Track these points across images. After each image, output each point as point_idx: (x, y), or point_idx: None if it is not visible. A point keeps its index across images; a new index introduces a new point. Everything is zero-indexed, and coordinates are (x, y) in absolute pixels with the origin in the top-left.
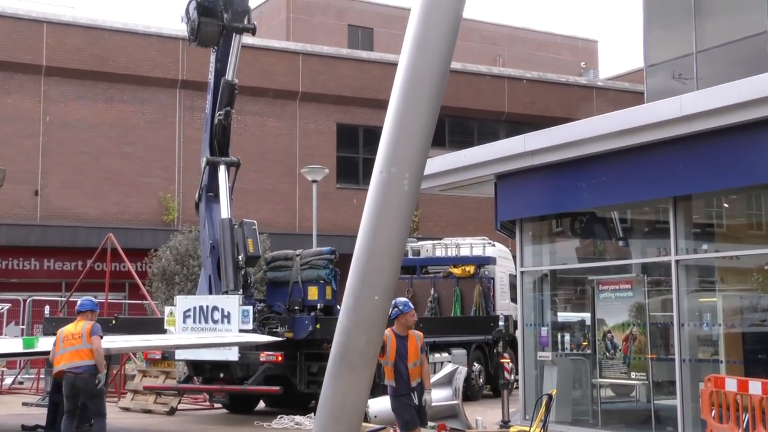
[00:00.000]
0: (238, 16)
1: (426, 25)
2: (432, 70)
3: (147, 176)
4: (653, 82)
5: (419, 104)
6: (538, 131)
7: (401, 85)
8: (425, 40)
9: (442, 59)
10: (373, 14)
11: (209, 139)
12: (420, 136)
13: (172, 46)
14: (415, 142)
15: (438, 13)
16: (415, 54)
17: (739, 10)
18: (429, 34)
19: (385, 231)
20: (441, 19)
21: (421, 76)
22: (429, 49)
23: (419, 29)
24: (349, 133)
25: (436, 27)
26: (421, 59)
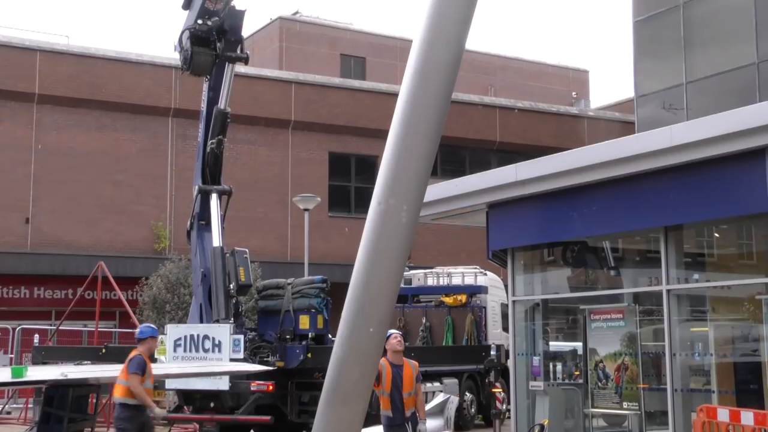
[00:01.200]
0: (231, 46)
1: (427, 55)
2: (433, 101)
3: (139, 204)
4: (644, 112)
5: (419, 136)
6: (529, 161)
7: (401, 117)
8: (426, 71)
9: (443, 91)
10: (366, 44)
11: (201, 167)
12: (419, 168)
13: (165, 75)
14: (414, 174)
15: (440, 44)
16: (416, 85)
17: (728, 42)
18: (430, 64)
19: (381, 263)
20: (443, 50)
21: (422, 107)
22: (430, 81)
23: (420, 59)
24: (342, 161)
25: (437, 58)
26: (422, 91)
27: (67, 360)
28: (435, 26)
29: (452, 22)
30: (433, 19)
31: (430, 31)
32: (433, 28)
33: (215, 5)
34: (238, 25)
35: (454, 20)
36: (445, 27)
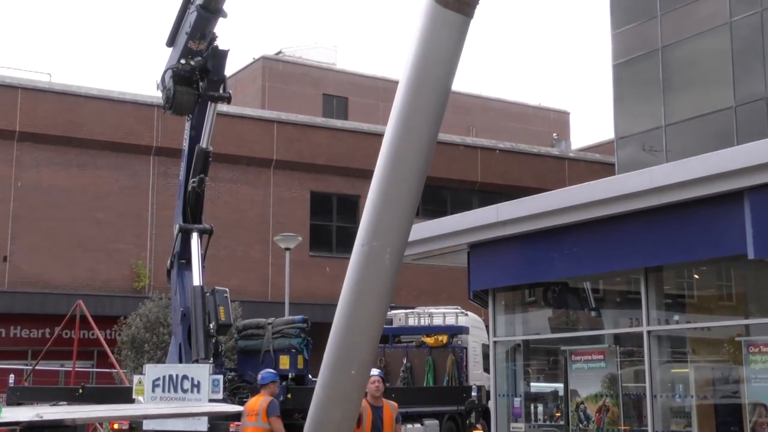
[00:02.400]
0: (214, 85)
1: (413, 98)
2: (418, 144)
3: (119, 242)
4: (624, 153)
5: (403, 180)
6: (510, 201)
7: (385, 161)
8: (412, 115)
9: (429, 134)
10: (348, 84)
11: (182, 206)
12: (403, 211)
13: (148, 113)
14: (398, 216)
15: (426, 90)
16: (401, 128)
17: (707, 86)
18: (416, 108)
19: (364, 306)
20: (428, 96)
21: (407, 152)
22: (416, 123)
23: (406, 102)
24: (323, 201)
25: (423, 101)
26: (407, 134)
27: (43, 401)
28: (420, 72)
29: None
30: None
31: (415, 77)
32: (419, 75)
33: (198, 45)
34: (220, 65)
35: (439, 65)
36: (430, 72)
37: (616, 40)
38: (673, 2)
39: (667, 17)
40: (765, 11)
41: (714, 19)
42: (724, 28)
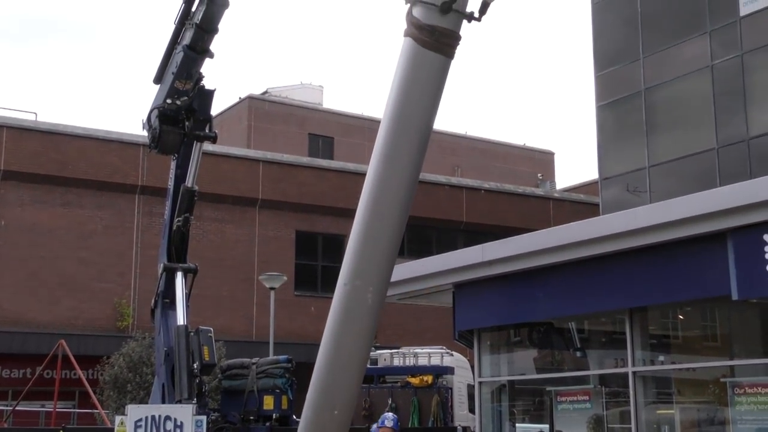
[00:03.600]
0: (200, 125)
1: (395, 137)
2: (400, 182)
3: (102, 281)
4: (608, 194)
5: (386, 218)
6: (495, 241)
7: (368, 197)
8: (394, 154)
9: (411, 172)
10: (334, 123)
11: (167, 245)
12: (386, 249)
13: (133, 152)
14: (381, 255)
15: (407, 127)
16: (383, 166)
17: (689, 127)
18: (398, 146)
19: (347, 344)
20: (410, 133)
21: (389, 188)
22: (397, 162)
23: (388, 141)
24: (308, 240)
25: (405, 140)
26: (389, 171)
27: None
28: (402, 112)
29: (419, 107)
30: (400, 104)
31: (396, 117)
32: (400, 114)
33: (185, 85)
34: (207, 105)
35: (420, 105)
36: (411, 112)
37: (600, 82)
38: (655, 45)
39: (650, 60)
40: (745, 55)
41: (695, 62)
42: (706, 71)
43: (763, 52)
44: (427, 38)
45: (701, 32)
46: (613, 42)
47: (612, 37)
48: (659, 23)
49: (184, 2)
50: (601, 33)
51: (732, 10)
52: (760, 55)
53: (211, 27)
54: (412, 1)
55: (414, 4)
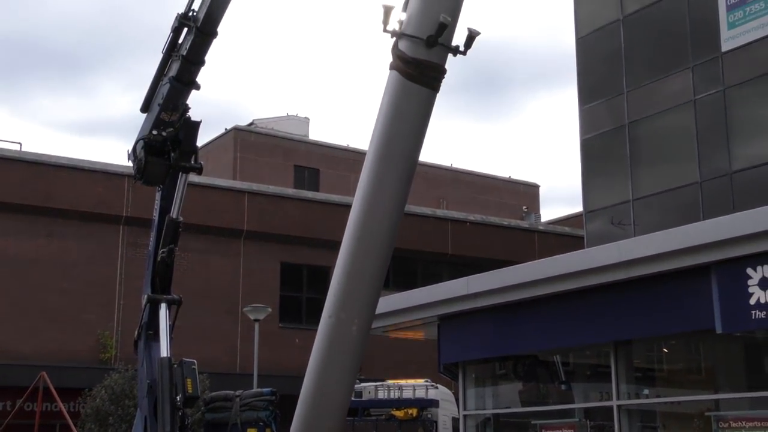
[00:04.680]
0: (186, 156)
1: (380, 169)
2: (386, 215)
3: (85, 313)
4: (593, 227)
5: (371, 250)
6: (480, 274)
7: (353, 230)
8: (379, 187)
9: (397, 205)
10: (320, 155)
11: (151, 276)
12: (371, 282)
13: (118, 183)
14: (366, 288)
15: (393, 159)
16: (369, 199)
17: (673, 161)
18: (384, 179)
19: (331, 377)
20: (396, 165)
21: (375, 221)
22: (383, 195)
23: (373, 174)
24: (294, 272)
25: (390, 172)
26: (375, 204)
27: None
28: (387, 144)
29: (405, 140)
30: (386, 136)
31: (382, 149)
32: (386, 146)
33: (170, 117)
34: (192, 136)
35: (406, 137)
36: (397, 144)
37: (584, 116)
38: (638, 80)
39: (634, 94)
40: (727, 89)
41: (678, 96)
42: (689, 106)
43: (744, 87)
44: (413, 71)
45: (684, 67)
46: (598, 76)
47: (596, 72)
48: (643, 58)
49: (172, 32)
50: (586, 67)
51: (714, 45)
52: (742, 90)
53: (198, 59)
54: (398, 34)
55: (400, 38)
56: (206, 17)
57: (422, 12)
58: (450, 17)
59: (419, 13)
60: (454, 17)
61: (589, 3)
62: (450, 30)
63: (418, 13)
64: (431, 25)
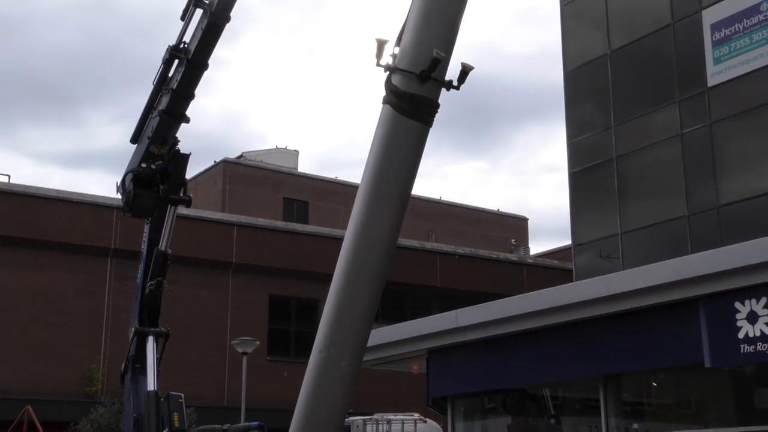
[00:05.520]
0: (174, 188)
1: (373, 204)
2: (377, 249)
3: (72, 346)
4: (581, 260)
5: (362, 285)
6: (469, 307)
7: (344, 264)
8: (371, 221)
9: (388, 239)
10: (309, 188)
11: (139, 309)
12: (362, 317)
13: (106, 215)
14: (357, 322)
15: (385, 193)
16: (360, 233)
17: (660, 195)
18: (376, 213)
19: (321, 413)
20: (388, 199)
21: (366, 255)
22: (375, 229)
23: (365, 208)
24: (282, 305)
25: (383, 207)
26: (367, 238)
27: None
28: (380, 178)
29: (397, 174)
30: (378, 170)
31: (375, 183)
32: (378, 180)
33: (160, 150)
34: (182, 169)
35: (399, 172)
36: (390, 178)
37: (572, 149)
38: (626, 114)
39: (621, 128)
40: (713, 124)
41: (666, 130)
42: (676, 140)
43: (731, 121)
44: (406, 106)
45: (671, 102)
46: (586, 110)
47: (584, 106)
48: (630, 92)
49: (163, 63)
50: (574, 101)
51: (700, 80)
52: (729, 125)
53: (188, 92)
54: (390, 68)
55: (393, 72)
56: (197, 49)
57: (416, 47)
58: (444, 52)
59: (413, 47)
60: (447, 52)
61: (577, 37)
62: (443, 65)
63: (411, 48)
64: (424, 60)
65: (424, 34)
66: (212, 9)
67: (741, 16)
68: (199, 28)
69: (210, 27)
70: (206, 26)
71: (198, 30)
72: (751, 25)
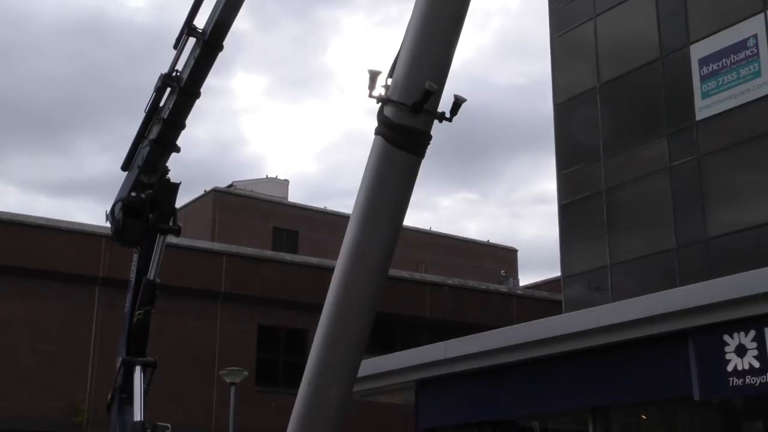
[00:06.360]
0: (164, 218)
1: (364, 235)
2: (368, 281)
3: (58, 375)
4: (571, 291)
5: (353, 317)
6: (459, 338)
7: (335, 295)
8: (362, 253)
9: (380, 271)
10: (298, 217)
11: (126, 338)
12: (352, 349)
13: (95, 243)
14: (347, 354)
15: (377, 225)
16: (351, 264)
17: (649, 227)
18: (367, 244)
19: None
20: (380, 231)
21: (357, 287)
22: (366, 261)
23: (357, 239)
24: (271, 335)
25: (374, 239)
26: (358, 270)
27: None
28: (371, 210)
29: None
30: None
31: (366, 215)
32: (370, 212)
33: (150, 179)
34: (171, 198)
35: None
36: (381, 210)
37: (562, 181)
38: (615, 146)
39: (610, 160)
40: (702, 157)
41: (655, 163)
42: (665, 172)
43: (719, 155)
44: (398, 138)
45: (660, 135)
46: (575, 142)
47: (574, 138)
48: (619, 125)
49: (155, 91)
50: (564, 133)
51: (689, 114)
52: (717, 158)
53: (179, 122)
54: (383, 100)
55: (385, 103)
56: (190, 77)
57: (408, 78)
58: (436, 84)
59: (405, 79)
60: (440, 84)
61: (567, 70)
62: (436, 97)
63: (404, 80)
64: (417, 92)
65: (416, 66)
66: (205, 38)
67: (728, 51)
68: (192, 57)
69: (203, 56)
70: (199, 55)
71: (191, 58)
72: (738, 60)
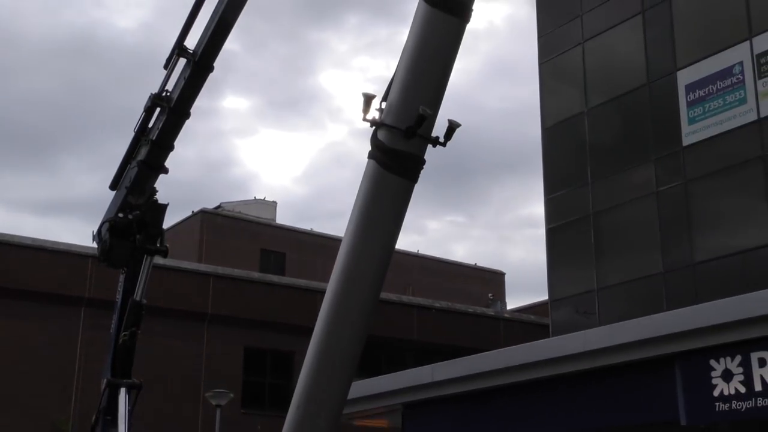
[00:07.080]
0: (151, 239)
1: (356, 258)
2: (359, 305)
3: (42, 397)
4: (558, 315)
5: (343, 342)
6: (446, 361)
7: (326, 319)
8: (354, 276)
9: (371, 294)
10: (286, 239)
11: (112, 359)
12: (342, 374)
13: (81, 264)
14: (336, 379)
15: (369, 249)
16: (343, 288)
17: (636, 252)
18: (359, 268)
19: None
20: (372, 256)
21: (348, 311)
22: (357, 285)
23: (348, 262)
24: (257, 357)
25: (366, 261)
26: (349, 294)
27: None
28: (363, 234)
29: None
30: (362, 227)
31: (358, 239)
32: (362, 236)
33: (137, 200)
34: (159, 219)
35: (383, 228)
36: (373, 235)
37: (549, 205)
38: (603, 171)
39: (598, 185)
40: (689, 182)
41: (642, 188)
42: (652, 197)
43: (705, 180)
44: (391, 162)
45: (647, 160)
46: (563, 167)
47: (561, 162)
48: (607, 150)
49: (145, 111)
50: (551, 158)
51: (675, 139)
52: (703, 183)
53: (168, 143)
54: (377, 123)
55: (379, 127)
56: (180, 98)
57: (402, 103)
58: (430, 109)
59: (399, 103)
60: (434, 109)
61: (555, 95)
62: (430, 121)
63: (398, 104)
64: (411, 116)
65: (411, 91)
66: (196, 59)
67: (715, 77)
68: (182, 77)
69: (193, 76)
70: (189, 75)
71: (181, 79)
72: (725, 86)
